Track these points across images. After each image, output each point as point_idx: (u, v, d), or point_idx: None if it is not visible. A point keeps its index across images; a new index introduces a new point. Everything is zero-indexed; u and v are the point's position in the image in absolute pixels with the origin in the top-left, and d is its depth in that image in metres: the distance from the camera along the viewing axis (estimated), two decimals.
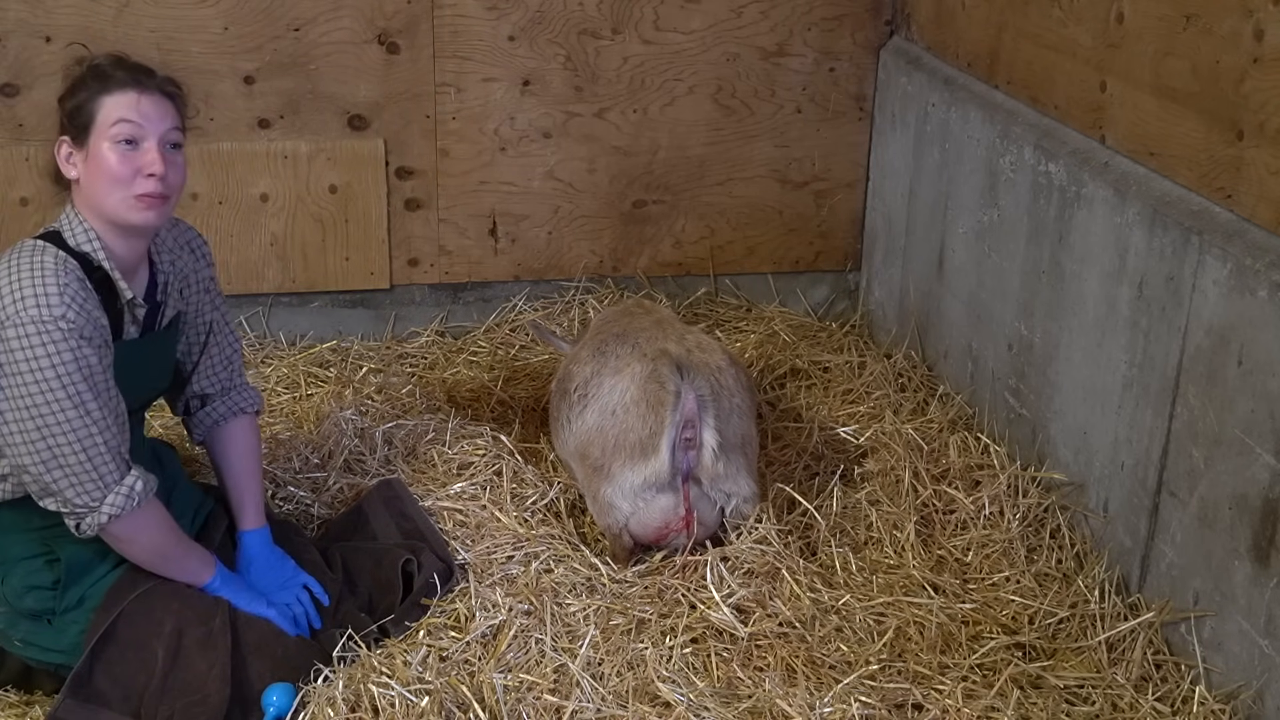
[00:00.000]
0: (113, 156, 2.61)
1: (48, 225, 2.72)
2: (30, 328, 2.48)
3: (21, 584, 2.72)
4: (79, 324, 2.52)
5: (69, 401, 2.51)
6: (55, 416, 2.51)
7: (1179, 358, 2.81)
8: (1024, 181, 3.47)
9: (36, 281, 2.52)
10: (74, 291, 2.54)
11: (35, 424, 2.52)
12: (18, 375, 2.50)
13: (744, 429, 3.20)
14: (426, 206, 4.43)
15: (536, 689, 2.67)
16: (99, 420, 2.55)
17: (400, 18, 4.22)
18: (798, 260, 4.73)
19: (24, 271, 2.54)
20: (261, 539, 2.95)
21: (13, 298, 2.51)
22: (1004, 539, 3.24)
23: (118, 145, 2.61)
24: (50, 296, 2.51)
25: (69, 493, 2.57)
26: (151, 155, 2.62)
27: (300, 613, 2.85)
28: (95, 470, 2.56)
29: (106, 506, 2.59)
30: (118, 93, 2.63)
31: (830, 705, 2.66)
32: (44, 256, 2.57)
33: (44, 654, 2.75)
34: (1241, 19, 2.64)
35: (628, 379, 3.15)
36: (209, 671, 2.63)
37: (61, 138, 2.67)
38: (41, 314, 2.49)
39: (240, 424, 3.04)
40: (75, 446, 2.54)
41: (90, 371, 2.54)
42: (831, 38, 4.47)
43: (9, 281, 2.53)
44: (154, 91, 2.66)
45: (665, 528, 3.13)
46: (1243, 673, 2.64)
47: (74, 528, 2.62)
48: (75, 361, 2.51)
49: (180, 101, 2.73)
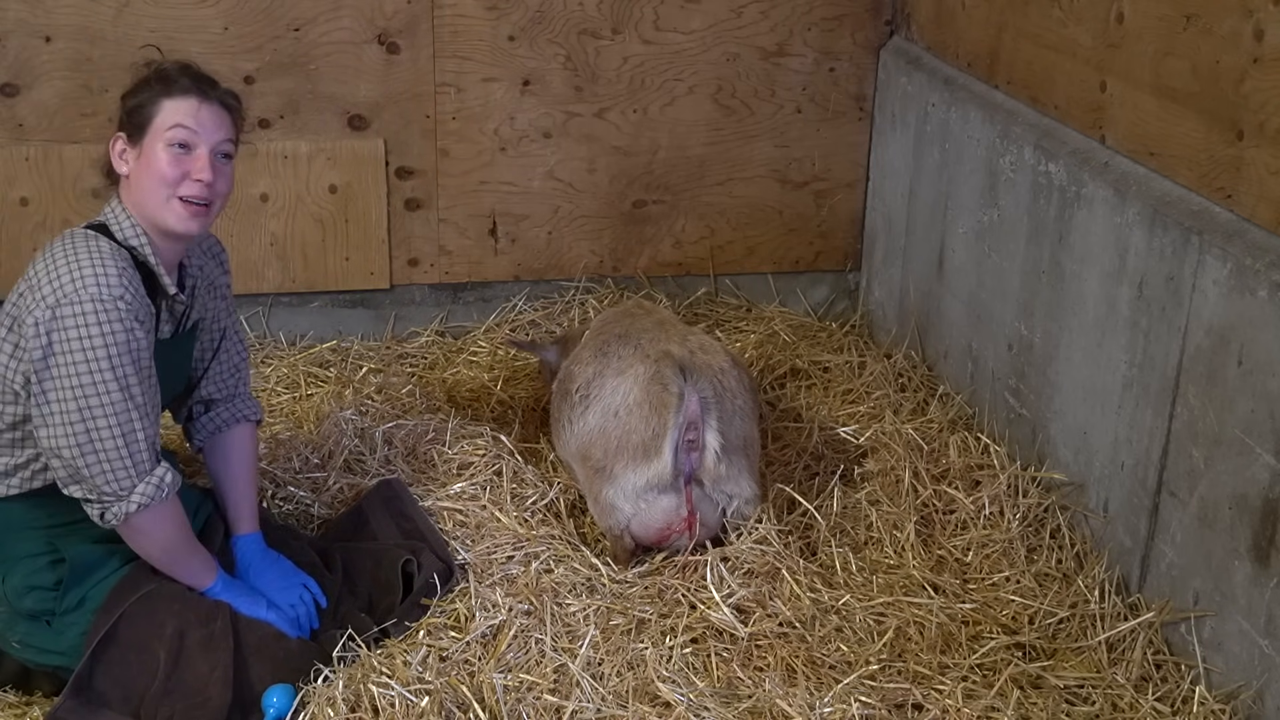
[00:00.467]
0: (165, 157, 2.67)
1: (93, 219, 2.76)
2: (89, 305, 2.53)
3: (23, 583, 2.72)
4: (135, 306, 2.59)
5: (115, 384, 2.55)
6: (100, 398, 2.55)
7: (1179, 358, 2.81)
8: (1024, 181, 3.47)
9: (95, 263, 2.58)
10: (130, 276, 2.61)
11: (78, 404, 2.54)
12: (68, 354, 2.53)
13: (746, 430, 3.20)
14: (426, 206, 4.43)
15: (536, 689, 2.67)
16: (140, 406, 2.60)
17: (400, 18, 4.22)
18: (798, 260, 4.73)
19: (82, 254, 2.60)
20: (257, 543, 2.96)
21: (71, 276, 2.56)
22: (1004, 539, 3.24)
23: (171, 148, 2.67)
24: (110, 277, 2.57)
25: (99, 479, 2.59)
26: (202, 161, 2.69)
27: (303, 613, 2.86)
28: (130, 457, 2.59)
29: (136, 495, 2.61)
30: (179, 98, 2.69)
31: (830, 705, 2.66)
32: (99, 243, 2.64)
33: (42, 655, 2.75)
34: (1241, 19, 2.64)
35: (630, 380, 3.15)
36: (210, 674, 2.63)
37: (118, 134, 2.72)
38: (101, 293, 2.55)
39: (241, 432, 3.05)
40: (115, 431, 2.56)
41: (139, 354, 2.59)
42: (831, 38, 4.47)
43: (68, 262, 2.58)
44: (214, 102, 2.72)
45: (667, 529, 3.13)
46: (1243, 673, 2.64)
47: (98, 516, 2.63)
48: (128, 343, 2.56)
49: (238, 115, 2.79)
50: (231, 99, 2.78)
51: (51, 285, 2.56)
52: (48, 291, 2.55)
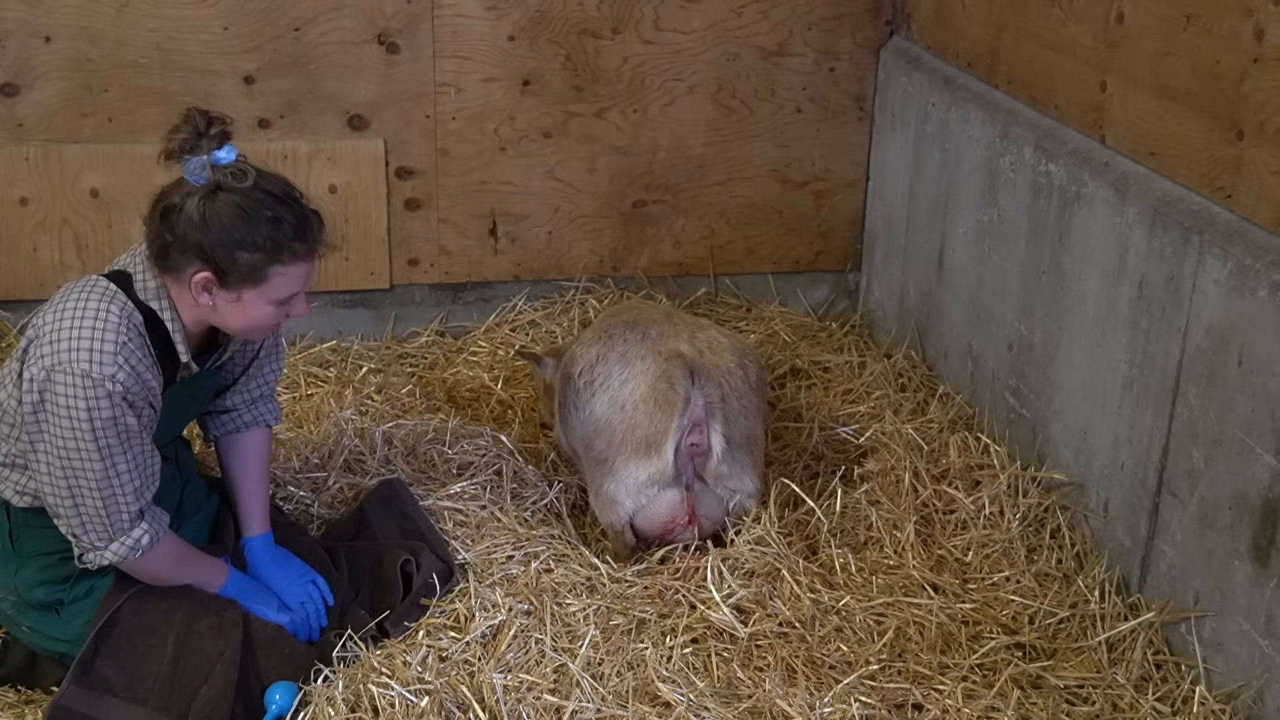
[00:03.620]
0: (269, 311, 2.58)
1: (117, 262, 2.67)
2: (78, 380, 2.47)
3: (35, 578, 2.73)
4: (127, 386, 2.50)
5: (98, 455, 2.51)
6: (83, 465, 2.51)
7: (1179, 358, 2.81)
8: (1024, 181, 3.47)
9: (95, 335, 2.49)
10: (130, 351, 2.51)
11: (61, 464, 2.52)
12: (56, 419, 2.50)
13: (750, 428, 3.21)
14: (426, 206, 4.43)
15: (536, 689, 2.67)
16: (124, 475, 2.55)
17: (400, 18, 4.21)
18: (798, 260, 4.73)
19: (85, 319, 2.50)
20: (267, 543, 2.96)
21: (68, 346, 2.49)
22: (1004, 539, 3.24)
23: (275, 304, 2.58)
24: (105, 355, 2.48)
25: (78, 529, 2.59)
26: (300, 304, 2.61)
27: (313, 610, 2.87)
28: (108, 519, 2.57)
29: (109, 553, 2.61)
30: (293, 265, 2.55)
31: (830, 705, 2.66)
32: (110, 306, 2.53)
33: (50, 642, 2.76)
34: (1241, 19, 2.64)
35: (638, 374, 3.15)
36: (219, 656, 2.65)
37: (204, 273, 2.52)
38: (91, 370, 2.47)
39: (258, 434, 3.03)
40: (95, 495, 2.54)
41: (126, 433, 2.53)
42: (831, 38, 4.47)
43: (70, 326, 2.50)
44: (321, 255, 2.61)
45: (670, 522, 3.14)
46: (1243, 673, 2.64)
47: (77, 557, 2.63)
48: (114, 422, 2.50)
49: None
50: (325, 233, 2.61)
51: (51, 345, 2.50)
52: (47, 351, 2.50)
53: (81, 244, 4.24)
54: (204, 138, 2.51)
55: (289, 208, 2.55)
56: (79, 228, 4.23)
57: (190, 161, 2.51)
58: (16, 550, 2.74)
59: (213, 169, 2.50)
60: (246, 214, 2.50)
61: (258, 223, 2.50)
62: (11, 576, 2.73)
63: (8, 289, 4.26)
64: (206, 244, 2.50)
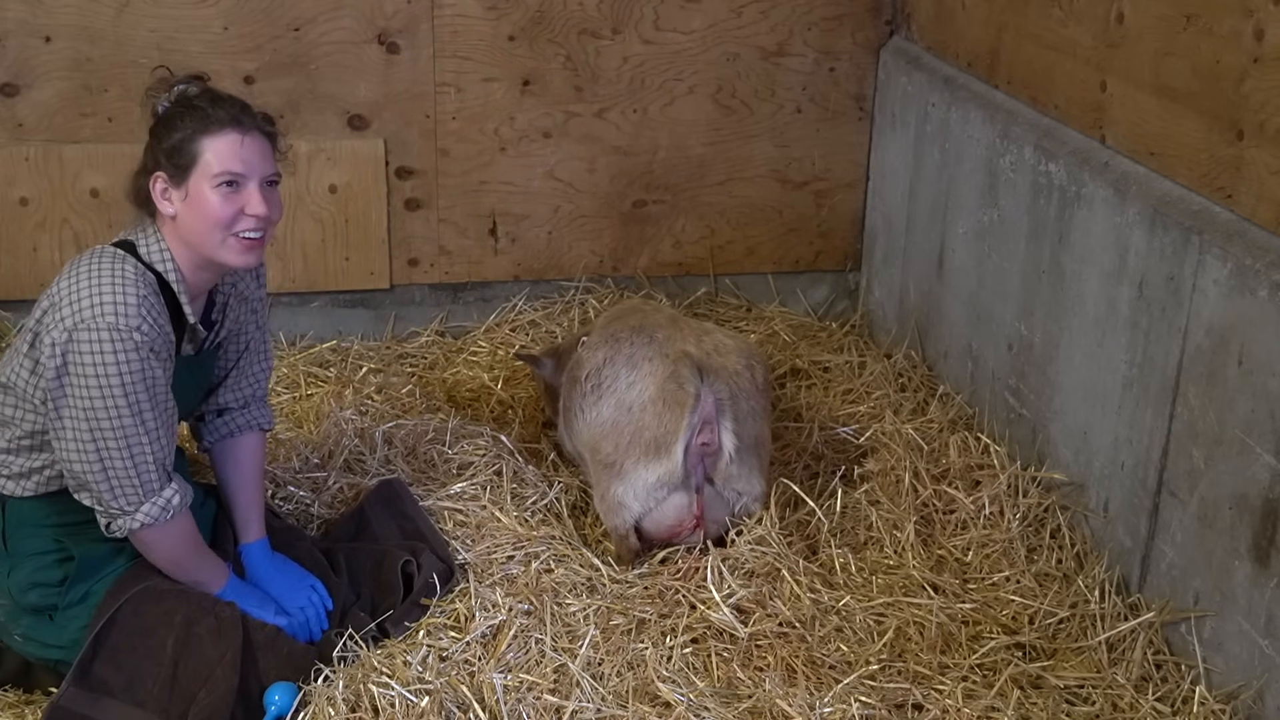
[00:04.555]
0: (215, 198, 2.62)
1: (121, 234, 2.72)
2: (105, 334, 2.51)
3: (28, 579, 2.72)
4: (151, 337, 2.56)
5: (128, 410, 2.54)
6: (112, 423, 2.54)
7: (1179, 358, 2.81)
8: (1024, 181, 3.47)
9: (117, 290, 2.55)
10: (150, 304, 2.58)
11: (89, 426, 2.54)
12: (82, 379, 2.52)
13: (758, 430, 3.22)
14: (426, 206, 4.43)
15: (536, 689, 2.67)
16: (152, 430, 2.59)
17: (400, 18, 4.22)
18: (798, 260, 4.73)
19: (104, 278, 2.56)
20: (263, 548, 2.96)
21: (90, 303, 2.53)
22: (1004, 539, 3.24)
23: (220, 188, 2.62)
24: (129, 306, 2.54)
25: (107, 495, 2.60)
26: (254, 197, 2.64)
27: (312, 615, 2.87)
28: (138, 478, 2.59)
29: (140, 514, 2.62)
30: (219, 134, 2.62)
31: (830, 705, 2.66)
32: (124, 265, 2.60)
33: (44, 649, 2.75)
34: (1241, 19, 2.64)
35: (646, 375, 3.15)
36: (219, 660, 2.65)
37: (157, 173, 2.65)
38: (118, 322, 2.52)
39: (252, 439, 3.03)
40: (124, 453, 2.56)
41: (153, 383, 2.58)
42: (831, 38, 4.47)
43: (89, 286, 2.55)
44: (254, 131, 2.67)
45: (678, 525, 3.15)
46: (1243, 673, 2.64)
47: (104, 526, 2.64)
48: (142, 373, 2.55)
49: (277, 137, 2.75)
50: (269, 125, 2.72)
51: (71, 307, 2.54)
52: (67, 314, 2.54)
53: (81, 244, 4.23)
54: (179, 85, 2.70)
55: (218, 98, 2.68)
56: (79, 228, 4.23)
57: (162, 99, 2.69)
58: (9, 550, 2.74)
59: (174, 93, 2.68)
60: (182, 108, 2.66)
61: (186, 109, 2.65)
62: (4, 578, 2.73)
63: (8, 289, 4.26)
64: (154, 146, 2.66)
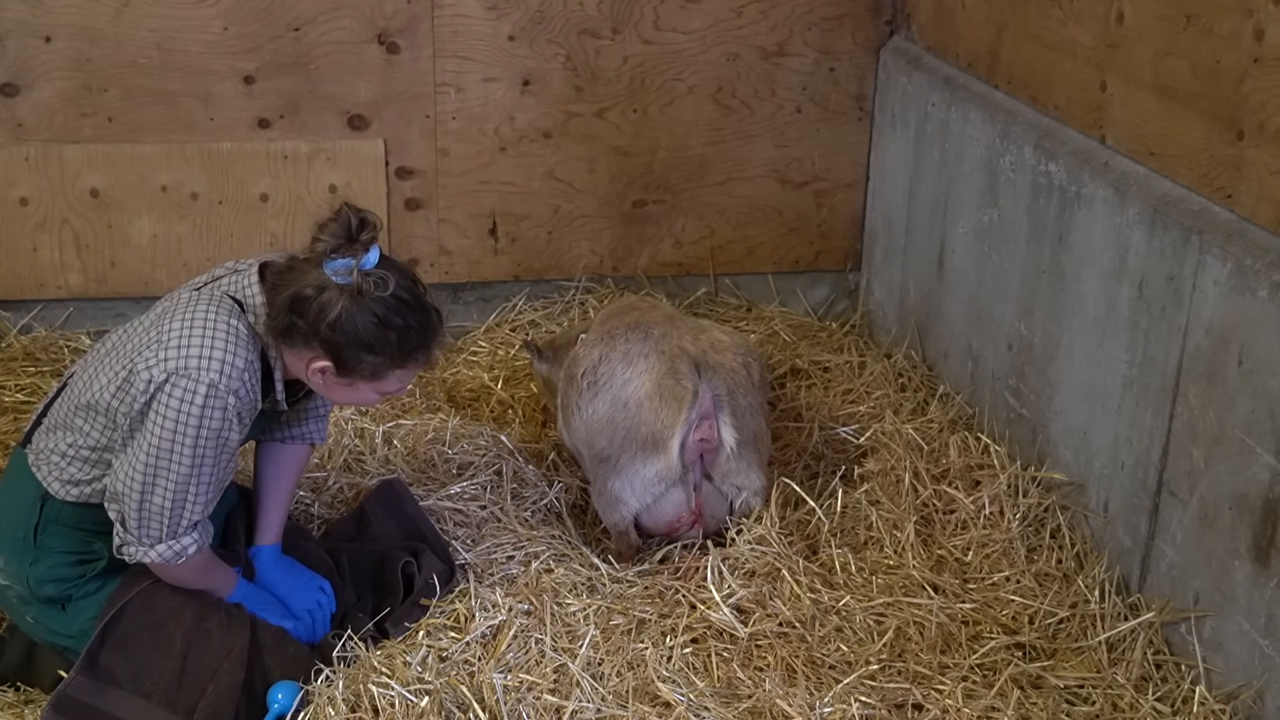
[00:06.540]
0: (372, 397, 2.71)
1: (224, 282, 2.67)
2: (203, 388, 2.51)
3: (48, 573, 2.73)
4: (242, 403, 2.57)
5: (190, 461, 2.54)
6: (170, 465, 2.54)
7: (1179, 358, 2.81)
8: (1024, 181, 3.47)
9: (229, 349, 2.54)
10: (253, 371, 2.58)
11: (148, 459, 2.54)
12: (163, 419, 2.52)
13: (756, 426, 3.22)
14: (426, 206, 4.43)
15: (536, 689, 2.67)
16: (204, 485, 2.59)
17: (400, 18, 4.22)
18: (798, 260, 4.73)
19: (219, 333, 2.55)
20: (276, 552, 2.97)
21: (199, 354, 2.53)
22: (1004, 539, 3.24)
23: (381, 393, 2.70)
24: (235, 369, 2.54)
25: (132, 521, 2.60)
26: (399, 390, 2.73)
27: (320, 617, 2.88)
28: (168, 519, 2.59)
29: (154, 552, 2.62)
30: (411, 368, 2.68)
31: (830, 705, 2.66)
32: (240, 325, 2.59)
33: (52, 635, 2.78)
34: (1241, 19, 2.64)
35: (643, 371, 3.15)
36: (226, 655, 2.66)
37: (324, 362, 2.60)
38: (219, 380, 2.52)
39: (300, 449, 3.03)
40: (167, 495, 2.57)
41: (224, 444, 2.58)
42: (831, 38, 4.47)
43: (202, 337, 2.54)
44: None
45: (676, 520, 3.15)
46: (1243, 673, 2.64)
47: (116, 545, 2.65)
48: (220, 432, 2.55)
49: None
50: (444, 330, 2.74)
51: (179, 351, 2.53)
52: (172, 355, 2.53)
53: (81, 244, 4.24)
54: (355, 242, 2.57)
55: (419, 315, 2.63)
56: (79, 228, 4.23)
57: (337, 262, 2.56)
58: (38, 544, 2.74)
59: (359, 274, 2.55)
60: (381, 323, 2.56)
61: (389, 331, 2.58)
62: (25, 567, 2.73)
63: (8, 289, 4.26)
64: (335, 342, 2.57)
